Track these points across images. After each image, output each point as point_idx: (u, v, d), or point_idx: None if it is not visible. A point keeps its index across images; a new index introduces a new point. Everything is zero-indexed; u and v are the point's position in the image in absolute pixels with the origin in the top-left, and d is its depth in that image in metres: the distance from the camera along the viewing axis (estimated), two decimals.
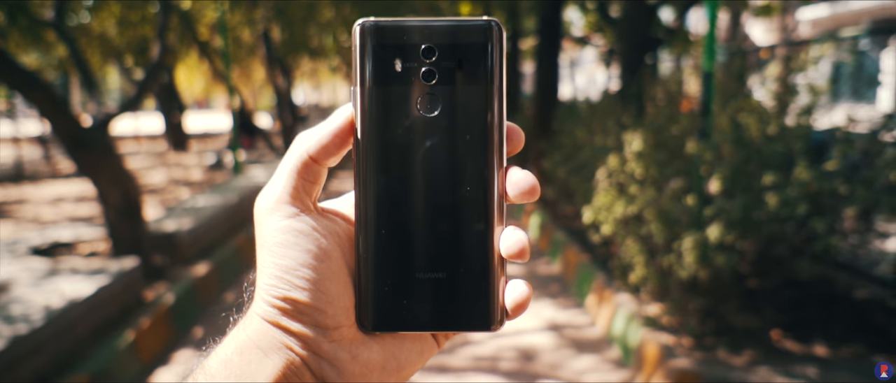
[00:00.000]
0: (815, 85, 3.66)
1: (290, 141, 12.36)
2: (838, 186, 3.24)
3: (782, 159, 3.39)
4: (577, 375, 3.60)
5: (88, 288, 3.74)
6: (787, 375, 3.04)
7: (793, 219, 3.32)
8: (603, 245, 4.65)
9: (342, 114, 0.45)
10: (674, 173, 3.62)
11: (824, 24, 14.84)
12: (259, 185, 7.89)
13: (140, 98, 5.58)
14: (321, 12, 11.51)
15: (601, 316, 4.27)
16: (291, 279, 0.43)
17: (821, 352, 3.30)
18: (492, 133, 0.44)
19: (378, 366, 0.45)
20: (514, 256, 0.44)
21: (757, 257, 3.40)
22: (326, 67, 22.09)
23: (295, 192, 0.44)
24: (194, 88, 24.88)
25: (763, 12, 9.92)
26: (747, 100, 3.92)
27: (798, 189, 3.16)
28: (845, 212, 3.45)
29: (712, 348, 3.34)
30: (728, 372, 3.10)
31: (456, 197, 0.45)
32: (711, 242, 3.15)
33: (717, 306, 3.41)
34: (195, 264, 5.11)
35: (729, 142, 3.47)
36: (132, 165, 11.80)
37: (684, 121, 4.00)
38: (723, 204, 3.23)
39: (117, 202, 4.69)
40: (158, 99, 14.37)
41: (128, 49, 11.29)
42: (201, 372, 0.44)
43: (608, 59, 11.21)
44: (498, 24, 0.44)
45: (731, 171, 3.30)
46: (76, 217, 7.38)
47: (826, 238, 3.22)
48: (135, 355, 3.69)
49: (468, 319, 0.45)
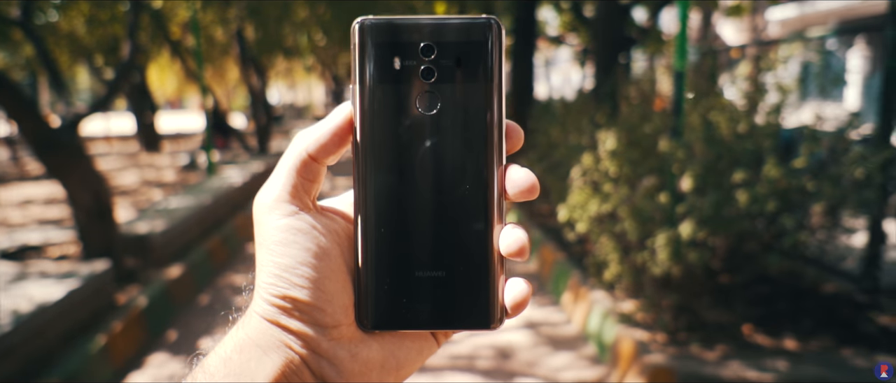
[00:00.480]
0: (784, 84, 3.73)
1: (264, 141, 12.26)
2: (806, 183, 3.31)
3: (752, 157, 3.46)
4: (554, 372, 3.63)
5: (58, 291, 3.67)
6: (759, 369, 3.10)
7: (762, 216, 3.38)
8: (578, 243, 4.69)
9: (341, 112, 0.45)
10: (647, 171, 3.66)
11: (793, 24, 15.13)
12: (233, 186, 7.82)
13: (110, 98, 5.50)
14: (295, 11, 11.43)
15: (577, 313, 4.30)
16: (291, 277, 0.43)
17: (791, 346, 3.37)
18: (491, 131, 0.44)
19: (377, 365, 0.45)
20: (513, 255, 0.44)
21: (728, 253, 3.46)
22: (301, 67, 21.98)
23: (294, 191, 0.44)
24: (167, 88, 24.55)
25: (733, 12, 10.08)
26: (718, 99, 3.99)
27: (767, 186, 3.22)
28: (813, 209, 3.53)
29: (685, 343, 3.39)
30: (701, 366, 3.15)
31: (455, 195, 0.44)
32: (684, 239, 3.20)
33: (690, 302, 3.47)
34: (169, 266, 5.04)
35: (700, 141, 3.52)
36: (103, 166, 11.61)
37: (657, 119, 4.05)
38: (694, 201, 3.28)
39: (88, 204, 4.61)
40: (130, 99, 14.13)
41: (97, 48, 11.11)
42: (200, 370, 0.43)
43: (583, 58, 11.29)
44: (497, 22, 0.44)
45: (703, 169, 3.35)
46: (45, 219, 7.23)
47: (794, 234, 3.29)
48: (107, 359, 3.64)
49: (468, 318, 0.45)
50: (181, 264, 5.11)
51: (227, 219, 6.97)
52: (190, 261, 5.27)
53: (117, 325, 3.85)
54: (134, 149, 15.77)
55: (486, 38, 0.44)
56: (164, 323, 4.42)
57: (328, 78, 27.21)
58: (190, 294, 4.99)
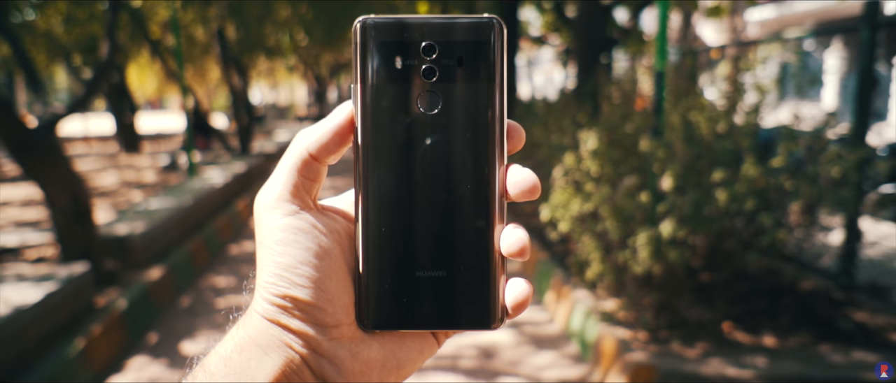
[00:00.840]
0: (763, 84, 3.78)
1: (246, 141, 12.17)
2: (784, 182, 3.36)
3: (731, 156, 3.50)
4: (537, 371, 3.64)
5: (36, 294, 3.62)
6: (738, 365, 3.14)
7: (741, 214, 3.43)
8: (560, 242, 4.71)
9: (342, 111, 0.45)
10: (628, 171, 3.69)
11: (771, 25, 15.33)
12: (215, 187, 7.75)
13: (89, 98, 5.43)
14: (277, 11, 11.36)
15: (559, 312, 4.33)
16: (291, 277, 0.43)
17: (769, 343, 3.41)
18: (492, 131, 0.44)
19: (378, 364, 0.45)
20: (514, 254, 0.45)
21: (708, 252, 3.50)
22: (283, 67, 21.85)
23: (295, 190, 0.44)
24: (147, 88, 24.28)
25: (713, 13, 10.18)
26: (698, 99, 4.03)
27: (746, 185, 3.26)
28: (791, 207, 3.58)
29: (667, 341, 3.42)
30: (682, 364, 3.18)
31: (456, 195, 0.44)
32: (664, 238, 3.23)
33: (671, 300, 3.50)
34: (149, 268, 4.99)
35: (681, 140, 3.56)
36: (82, 168, 11.45)
37: (638, 119, 4.08)
38: (675, 200, 3.31)
39: (66, 206, 4.55)
40: (109, 99, 13.94)
41: (76, 47, 10.95)
42: (201, 369, 0.43)
43: (565, 58, 11.35)
44: (500, 21, 0.44)
45: (683, 168, 3.39)
46: (22, 221, 7.12)
47: (773, 232, 3.34)
48: (86, 363, 3.59)
49: (468, 318, 0.45)
50: (162, 266, 5.06)
51: (209, 221, 6.91)
52: (171, 262, 5.22)
53: (96, 328, 3.80)
54: (113, 149, 15.58)
55: (488, 37, 0.44)
56: (144, 325, 4.37)
57: (310, 78, 27.07)
58: (171, 296, 4.94)
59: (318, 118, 24.17)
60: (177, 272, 5.21)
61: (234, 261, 6.19)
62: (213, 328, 4.38)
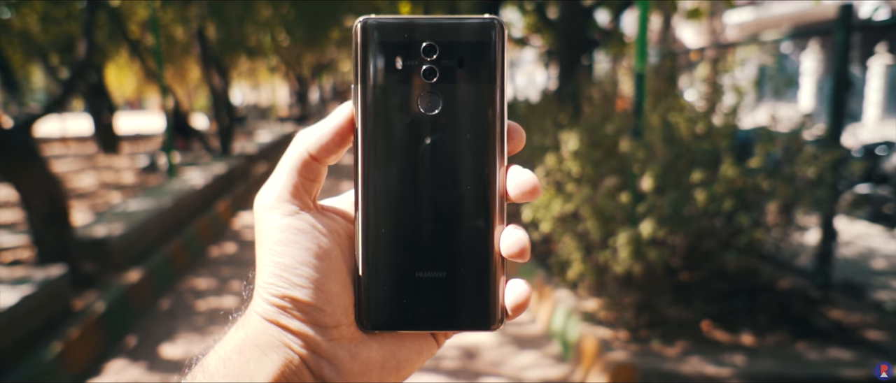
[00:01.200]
0: (741, 86, 3.83)
1: (226, 142, 12.06)
2: (762, 182, 3.41)
3: (710, 157, 3.54)
4: (519, 371, 3.65)
5: (11, 297, 3.56)
6: (717, 364, 3.18)
7: (720, 214, 3.47)
8: (542, 242, 4.73)
9: (342, 111, 0.45)
10: (608, 171, 3.72)
11: (749, 28, 15.53)
12: (195, 189, 7.68)
13: (66, 98, 5.35)
14: (258, 10, 11.28)
15: (541, 312, 4.35)
16: (291, 277, 0.43)
17: (748, 341, 3.46)
18: (493, 131, 0.44)
19: (377, 365, 0.45)
20: (514, 256, 0.44)
21: (687, 251, 3.53)
22: (265, 67, 21.70)
23: (295, 190, 0.44)
24: (126, 88, 23.98)
25: (692, 16, 10.28)
26: (678, 101, 4.07)
27: (724, 185, 3.30)
28: (768, 207, 3.63)
29: (647, 340, 3.45)
30: (662, 362, 3.21)
31: (456, 196, 0.44)
32: (644, 238, 3.26)
33: (651, 299, 3.53)
34: (128, 271, 4.93)
35: (660, 141, 3.59)
36: (59, 169, 11.29)
37: (618, 120, 4.11)
38: (654, 200, 3.34)
39: (42, 207, 4.48)
40: (87, 99, 13.75)
41: (52, 47, 10.78)
42: (200, 370, 0.43)
43: (547, 59, 11.40)
44: (501, 22, 0.44)
45: (662, 169, 3.42)
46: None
47: (751, 231, 3.38)
48: (63, 366, 3.54)
49: (468, 319, 0.45)
50: (141, 268, 5.00)
51: (189, 222, 6.84)
52: (150, 265, 5.16)
53: (74, 332, 3.75)
54: (91, 150, 15.37)
55: (489, 38, 0.44)
56: (122, 328, 4.32)
57: (292, 78, 26.91)
58: (150, 298, 4.89)
59: (299, 119, 24.04)
60: (156, 274, 5.15)
61: (214, 262, 6.13)
62: (192, 330, 4.34)
